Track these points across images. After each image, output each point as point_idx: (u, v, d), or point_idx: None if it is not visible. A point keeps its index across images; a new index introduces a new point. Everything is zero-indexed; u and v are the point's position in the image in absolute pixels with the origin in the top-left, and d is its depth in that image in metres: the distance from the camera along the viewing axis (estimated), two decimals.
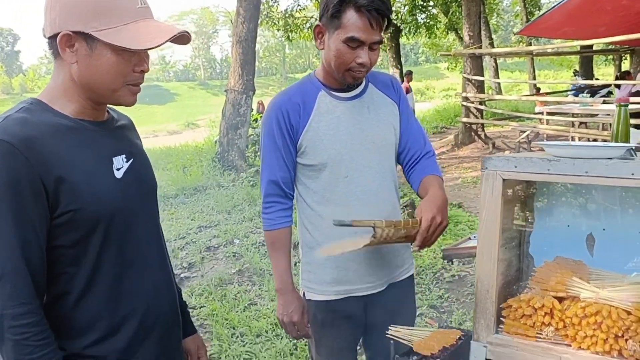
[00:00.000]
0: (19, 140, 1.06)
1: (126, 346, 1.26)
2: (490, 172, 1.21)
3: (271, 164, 1.74)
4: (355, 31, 1.55)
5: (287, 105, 1.70)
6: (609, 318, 1.14)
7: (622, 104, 1.39)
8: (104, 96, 1.19)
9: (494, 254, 1.22)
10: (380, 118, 1.75)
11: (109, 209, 1.18)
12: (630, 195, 1.27)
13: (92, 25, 1.10)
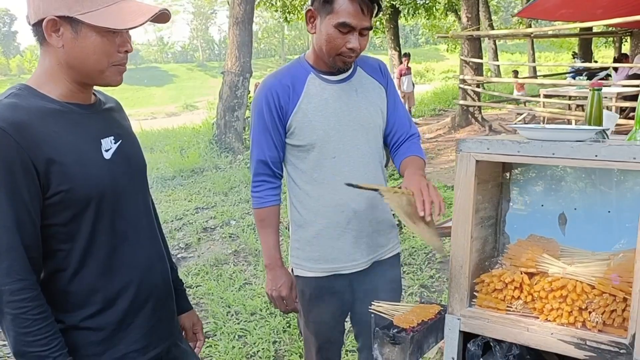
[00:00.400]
0: (9, 125, 1.10)
1: (121, 318, 1.32)
2: (464, 154, 1.26)
3: (260, 144, 1.79)
4: (346, 17, 1.60)
5: (276, 87, 1.74)
6: (574, 292, 1.20)
7: (596, 88, 1.44)
8: (91, 77, 1.23)
9: (467, 232, 1.28)
10: (368, 100, 1.81)
11: (99, 188, 1.23)
12: (601, 177, 1.32)
13: (76, 9, 1.14)
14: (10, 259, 1.13)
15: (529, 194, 1.45)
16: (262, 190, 1.83)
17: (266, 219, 1.84)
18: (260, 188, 1.84)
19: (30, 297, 1.14)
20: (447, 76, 31.49)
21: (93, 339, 1.28)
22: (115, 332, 1.32)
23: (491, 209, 1.46)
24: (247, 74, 9.02)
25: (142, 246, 1.37)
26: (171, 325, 1.50)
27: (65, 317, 1.26)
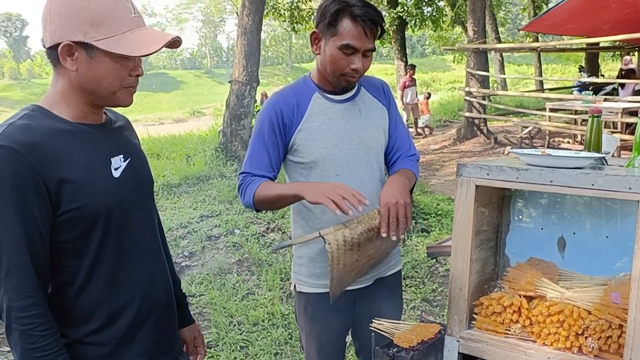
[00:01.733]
0: (22, 146, 1.14)
1: (125, 332, 1.35)
2: (465, 179, 1.29)
3: (256, 160, 1.78)
4: (350, 39, 1.65)
5: (281, 104, 1.78)
6: (571, 317, 1.22)
7: (595, 115, 1.46)
8: (104, 99, 1.27)
9: (467, 255, 1.31)
10: (371, 120, 1.85)
11: (107, 206, 1.27)
12: (599, 202, 1.35)
13: (91, 35, 1.18)
14: (20, 276, 1.16)
15: (529, 217, 1.47)
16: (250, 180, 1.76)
17: (269, 184, 1.73)
18: (247, 180, 1.77)
19: (38, 314, 1.17)
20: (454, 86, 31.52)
21: (97, 353, 1.31)
22: (118, 347, 1.35)
23: (491, 231, 1.48)
24: (254, 83, 9.07)
25: (145, 262, 1.40)
26: (172, 340, 1.52)
27: (70, 331, 1.29)
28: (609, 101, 8.70)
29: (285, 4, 15.58)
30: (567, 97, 10.20)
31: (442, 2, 19.08)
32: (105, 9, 1.18)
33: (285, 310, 3.85)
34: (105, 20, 1.18)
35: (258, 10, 8.98)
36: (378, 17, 1.67)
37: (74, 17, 1.17)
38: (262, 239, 5.41)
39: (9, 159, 1.13)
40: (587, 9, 9.26)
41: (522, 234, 1.48)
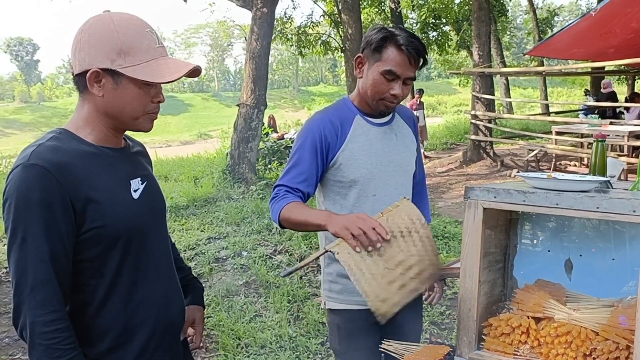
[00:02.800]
0: (52, 165, 1.20)
1: (139, 352, 1.38)
2: (472, 201, 1.32)
3: (293, 175, 1.80)
4: (393, 65, 1.73)
5: (326, 123, 1.84)
6: (579, 338, 1.24)
7: (600, 140, 1.50)
8: (127, 124, 1.34)
9: (475, 276, 1.34)
10: (405, 145, 1.95)
11: (127, 226, 1.32)
12: (606, 225, 1.37)
13: (118, 62, 1.25)
14: (45, 292, 1.19)
15: (536, 239, 1.50)
16: (285, 195, 1.75)
17: (297, 206, 1.70)
18: (282, 194, 1.76)
19: (62, 328, 1.21)
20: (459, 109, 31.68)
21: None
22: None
23: (499, 253, 1.51)
24: (261, 107, 9.19)
25: (161, 282, 1.44)
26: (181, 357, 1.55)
27: (87, 349, 1.32)
28: (615, 125, 8.73)
29: (292, 29, 15.84)
30: (573, 120, 10.24)
31: (448, 26, 19.34)
32: (132, 39, 1.26)
33: (293, 332, 3.85)
34: (132, 50, 1.25)
35: (266, 35, 9.15)
36: (422, 48, 1.76)
37: (103, 46, 1.25)
38: (270, 261, 5.42)
39: (39, 177, 1.18)
40: (592, 34, 9.36)
41: (529, 256, 1.51)
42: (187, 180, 9.63)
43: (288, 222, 1.71)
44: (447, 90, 50.97)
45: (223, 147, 12.13)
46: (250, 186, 8.67)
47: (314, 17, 16.45)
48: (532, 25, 21.88)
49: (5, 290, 4.84)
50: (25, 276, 1.19)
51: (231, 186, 8.85)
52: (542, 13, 24.27)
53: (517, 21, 45.21)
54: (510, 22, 26.13)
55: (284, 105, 50.16)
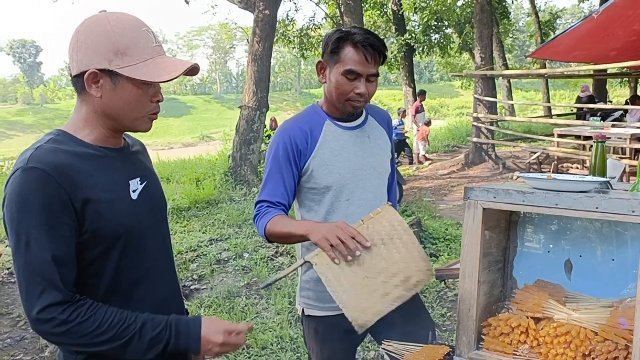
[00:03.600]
0: (51, 167, 1.19)
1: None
2: (472, 202, 1.33)
3: (271, 188, 1.82)
4: (352, 64, 1.72)
5: (295, 131, 1.83)
6: (578, 338, 1.25)
7: (600, 141, 1.51)
8: (126, 124, 1.33)
9: (474, 277, 1.34)
10: (379, 147, 1.92)
11: (126, 226, 1.31)
12: (605, 226, 1.38)
13: (116, 63, 1.24)
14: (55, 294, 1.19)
15: (536, 240, 1.51)
16: (268, 209, 1.78)
17: (281, 219, 1.73)
18: (265, 210, 1.79)
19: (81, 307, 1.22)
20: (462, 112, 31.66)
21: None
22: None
23: (499, 254, 1.51)
24: (263, 109, 9.21)
25: (160, 283, 1.44)
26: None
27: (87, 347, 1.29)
28: (617, 127, 8.72)
29: (294, 31, 15.88)
30: (575, 122, 10.23)
31: (450, 29, 19.36)
32: (129, 39, 1.25)
33: (293, 334, 3.85)
34: (129, 50, 1.24)
35: (268, 38, 9.17)
36: (378, 44, 1.73)
37: (100, 47, 1.24)
38: (271, 263, 5.43)
39: (39, 180, 1.18)
40: (594, 37, 9.36)
41: (529, 256, 1.51)
42: (189, 182, 9.64)
43: (274, 236, 1.74)
44: (449, 93, 50.97)
45: (225, 149, 12.14)
46: (252, 188, 8.68)
47: (316, 20, 16.51)
48: (534, 28, 21.87)
49: (7, 291, 4.86)
50: (34, 280, 1.19)
51: (233, 188, 8.87)
52: (544, 16, 24.27)
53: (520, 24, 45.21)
54: (512, 25, 26.11)
55: (286, 108, 50.16)
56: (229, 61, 75.08)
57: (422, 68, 66.04)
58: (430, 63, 59.14)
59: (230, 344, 1.31)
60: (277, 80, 64.97)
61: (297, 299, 1.99)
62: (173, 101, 50.93)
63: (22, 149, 1.39)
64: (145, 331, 1.25)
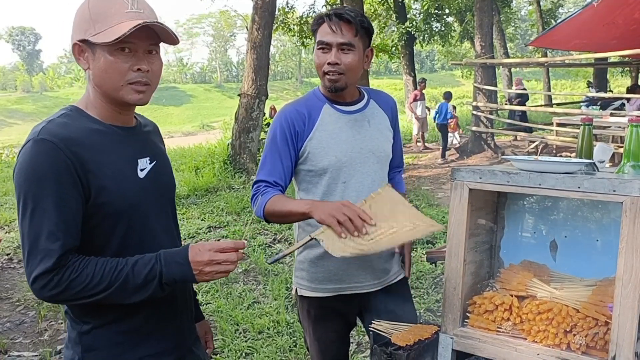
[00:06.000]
0: (60, 140, 1.22)
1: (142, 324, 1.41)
2: (459, 183, 1.35)
3: (266, 167, 1.86)
4: (321, 36, 1.78)
5: (292, 114, 1.86)
6: (559, 315, 1.28)
7: (586, 124, 1.53)
8: (111, 95, 1.31)
9: (460, 256, 1.37)
10: (379, 131, 1.93)
11: (130, 204, 1.34)
12: (589, 206, 1.40)
13: (90, 32, 1.25)
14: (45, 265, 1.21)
15: (522, 221, 1.53)
16: (265, 190, 1.81)
17: (280, 198, 1.75)
18: (263, 190, 1.82)
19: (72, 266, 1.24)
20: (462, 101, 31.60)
21: (115, 340, 1.37)
22: (135, 336, 1.40)
23: (486, 235, 1.54)
24: (262, 97, 9.20)
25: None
26: (186, 334, 1.57)
27: (91, 319, 1.36)
28: (616, 116, 8.72)
29: (294, 19, 15.80)
30: (573, 111, 10.23)
31: (451, 17, 19.26)
32: (101, 7, 1.26)
33: (290, 318, 3.89)
34: (100, 17, 1.25)
35: (267, 25, 9.14)
36: (345, 11, 1.76)
37: (79, 20, 1.28)
38: (269, 250, 5.47)
39: (48, 151, 1.21)
40: (594, 25, 9.33)
41: (515, 237, 1.54)
42: (188, 170, 9.68)
43: (273, 216, 1.76)
44: (450, 82, 50.76)
45: (225, 138, 12.15)
46: (251, 176, 8.71)
47: (316, 7, 16.43)
48: (536, 17, 21.76)
49: (7, 276, 4.90)
50: (36, 248, 1.21)
51: (232, 176, 8.90)
52: (546, 4, 24.13)
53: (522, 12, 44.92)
54: (514, 14, 25.98)
55: (286, 97, 50.04)
56: (229, 49, 74.78)
57: (423, 57, 65.79)
58: (431, 52, 58.90)
59: (218, 262, 1.27)
60: (278, 69, 64.77)
61: (293, 280, 2.02)
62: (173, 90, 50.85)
63: (22, 137, 1.45)
64: (137, 270, 1.26)
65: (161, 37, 1.33)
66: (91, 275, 1.23)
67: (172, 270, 1.27)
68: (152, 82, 1.34)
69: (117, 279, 1.24)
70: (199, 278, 1.28)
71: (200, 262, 1.27)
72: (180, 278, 1.28)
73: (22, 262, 4.01)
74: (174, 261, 1.27)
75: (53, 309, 4.16)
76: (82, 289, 1.23)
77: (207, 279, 1.29)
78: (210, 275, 1.28)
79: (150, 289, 1.26)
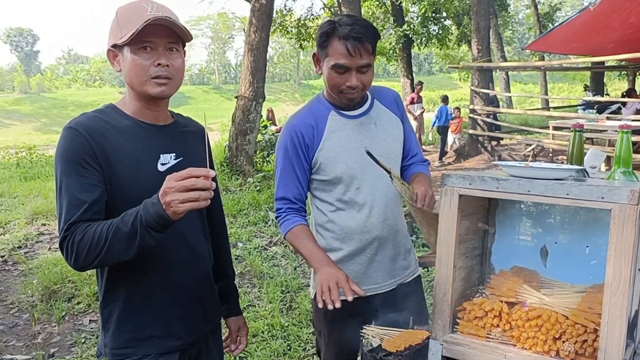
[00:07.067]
0: (83, 128, 1.40)
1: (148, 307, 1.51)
2: (449, 188, 1.35)
3: (285, 183, 1.86)
4: (338, 58, 1.72)
5: (300, 126, 1.85)
6: (549, 322, 1.27)
7: (577, 130, 1.53)
8: (138, 90, 1.46)
9: (450, 262, 1.37)
10: (386, 132, 1.92)
11: (144, 191, 1.36)
12: (580, 213, 1.40)
13: (118, 37, 1.42)
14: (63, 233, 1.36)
15: (513, 226, 1.53)
16: (288, 214, 1.85)
17: (300, 234, 1.80)
18: (285, 214, 1.86)
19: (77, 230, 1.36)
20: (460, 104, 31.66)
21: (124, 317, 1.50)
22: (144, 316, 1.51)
23: (477, 240, 1.54)
24: (260, 99, 9.19)
25: (177, 245, 1.53)
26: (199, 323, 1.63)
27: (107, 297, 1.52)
28: (613, 120, 8.74)
29: (292, 21, 15.82)
30: (570, 115, 10.25)
31: (448, 20, 19.29)
32: (126, 14, 1.42)
33: (285, 322, 3.89)
34: (125, 23, 1.41)
35: (265, 28, 9.14)
36: (364, 33, 1.70)
37: (111, 29, 1.46)
38: (265, 252, 5.47)
39: (73, 137, 1.39)
40: (591, 29, 9.35)
41: (506, 243, 1.54)
42: None
43: (292, 246, 1.84)
44: (448, 85, 50.84)
45: (222, 140, 12.14)
46: (248, 178, 8.70)
47: (314, 10, 16.45)
48: (533, 20, 21.82)
49: (1, 279, 4.88)
50: (61, 219, 1.37)
51: (229, 178, 8.88)
52: (543, 8, 24.20)
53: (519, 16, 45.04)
54: (511, 17, 26.02)
55: (284, 99, 50.08)
56: (227, 51, 74.79)
57: (421, 60, 65.91)
58: (429, 55, 58.99)
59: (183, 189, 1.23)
60: (276, 71, 64.79)
61: (311, 283, 2.02)
62: None
63: (19, 138, 1.58)
64: (126, 219, 1.31)
65: (180, 35, 1.45)
66: (92, 235, 1.32)
67: (149, 211, 1.28)
68: (174, 76, 1.47)
69: (109, 232, 1.31)
70: (169, 212, 1.25)
71: (166, 192, 1.25)
72: (155, 217, 1.27)
73: (16, 264, 4.03)
74: (151, 202, 1.29)
75: (47, 312, 4.15)
76: (89, 249, 1.32)
77: (173, 210, 1.24)
78: (175, 205, 1.23)
79: (138, 235, 1.30)
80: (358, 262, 1.90)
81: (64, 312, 4.15)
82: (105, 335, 1.54)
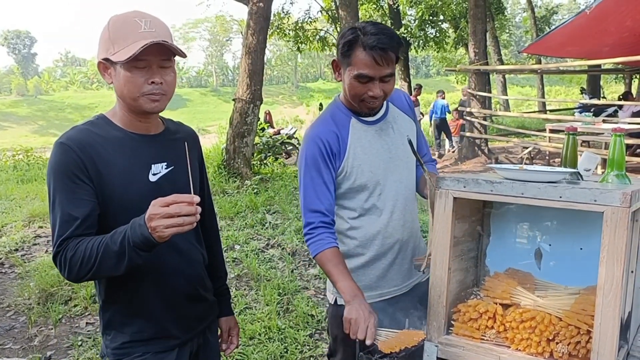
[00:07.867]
0: (74, 142, 1.40)
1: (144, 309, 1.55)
2: (444, 191, 1.36)
3: (316, 194, 1.81)
4: (363, 68, 1.69)
5: (325, 134, 1.82)
6: (542, 323, 1.29)
7: (571, 133, 1.54)
8: (131, 105, 1.46)
9: (445, 264, 1.38)
10: (403, 135, 1.92)
11: (136, 202, 1.41)
12: (574, 215, 1.41)
13: (110, 51, 1.40)
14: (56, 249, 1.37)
15: (508, 229, 1.54)
16: (321, 234, 1.78)
17: (332, 259, 1.74)
18: (318, 232, 1.79)
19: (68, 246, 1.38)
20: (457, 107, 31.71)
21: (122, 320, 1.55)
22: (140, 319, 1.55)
23: (472, 243, 1.55)
24: (257, 102, 9.20)
25: (169, 254, 1.54)
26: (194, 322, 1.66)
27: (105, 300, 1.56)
28: (609, 123, 8.78)
29: (290, 24, 15.84)
30: (566, 118, 10.29)
31: (446, 24, 19.35)
32: (119, 29, 1.40)
33: (282, 324, 3.89)
34: (117, 38, 1.39)
35: (262, 30, 9.15)
36: (390, 44, 1.68)
37: (101, 41, 1.44)
38: (262, 255, 5.46)
39: (64, 152, 1.39)
40: (587, 32, 9.40)
41: (501, 245, 1.55)
42: None
43: (322, 268, 1.78)
44: (445, 88, 50.78)
45: (220, 142, 12.13)
46: (245, 181, 8.70)
47: (311, 13, 16.47)
48: (530, 24, 21.90)
49: None
50: (54, 234, 1.39)
51: (226, 181, 8.87)
52: (540, 11, 24.30)
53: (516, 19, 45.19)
54: (508, 20, 26.13)
55: (282, 102, 50.10)
56: (225, 54, 74.84)
57: (418, 63, 66.02)
58: (427, 58, 59.11)
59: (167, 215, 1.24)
60: (274, 73, 64.83)
61: (329, 288, 2.01)
62: None
63: (16, 140, 1.59)
64: (114, 238, 1.33)
65: (173, 51, 1.44)
66: (82, 251, 1.34)
67: (135, 233, 1.30)
68: (166, 92, 1.47)
69: (100, 249, 1.33)
70: (155, 236, 1.27)
71: (151, 218, 1.26)
72: (142, 239, 1.29)
73: (12, 267, 4.03)
74: (138, 223, 1.31)
75: (43, 315, 4.15)
76: (81, 264, 1.34)
77: (158, 234, 1.26)
78: (160, 230, 1.25)
79: (127, 254, 1.32)
80: (379, 267, 1.91)
81: (60, 314, 4.14)
82: (106, 339, 1.59)
